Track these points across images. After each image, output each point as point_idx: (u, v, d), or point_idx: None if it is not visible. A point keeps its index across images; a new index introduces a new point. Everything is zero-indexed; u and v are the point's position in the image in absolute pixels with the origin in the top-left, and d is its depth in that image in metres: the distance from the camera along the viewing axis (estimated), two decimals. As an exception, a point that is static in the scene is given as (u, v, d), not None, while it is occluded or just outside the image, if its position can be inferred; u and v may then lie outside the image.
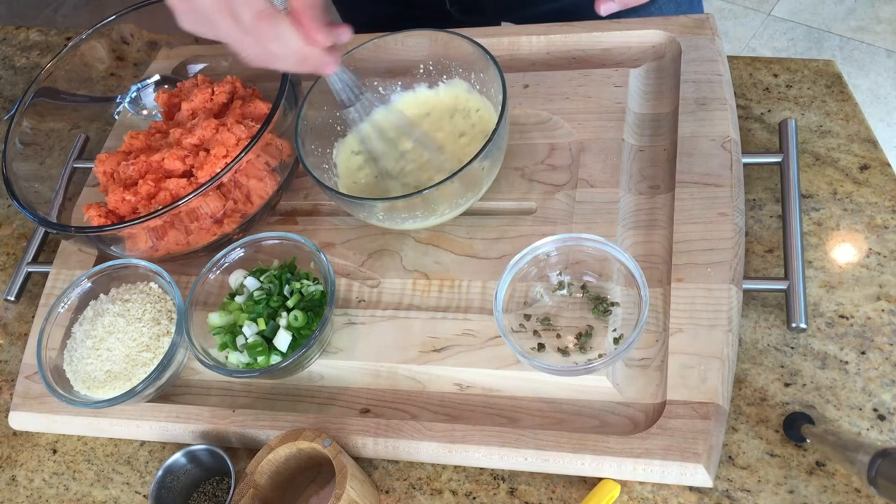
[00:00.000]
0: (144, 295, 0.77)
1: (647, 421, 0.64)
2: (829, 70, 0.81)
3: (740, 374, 0.67)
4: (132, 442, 0.77)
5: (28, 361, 0.82)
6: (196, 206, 0.73)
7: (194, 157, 0.78)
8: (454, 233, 0.76)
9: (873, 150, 0.75)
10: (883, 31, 2.13)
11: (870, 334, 0.66)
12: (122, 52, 0.95)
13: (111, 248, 0.77)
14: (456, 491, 0.67)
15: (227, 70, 0.90)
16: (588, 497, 0.62)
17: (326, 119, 0.79)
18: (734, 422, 0.65)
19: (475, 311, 0.71)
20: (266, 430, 0.71)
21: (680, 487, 0.63)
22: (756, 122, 0.80)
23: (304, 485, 0.70)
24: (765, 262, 0.71)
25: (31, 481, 0.78)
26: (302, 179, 0.84)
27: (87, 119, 0.94)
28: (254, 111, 0.83)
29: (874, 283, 0.69)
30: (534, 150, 0.79)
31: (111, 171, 0.83)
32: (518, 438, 0.65)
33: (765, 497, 0.62)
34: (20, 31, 1.20)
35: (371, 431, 0.68)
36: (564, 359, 0.66)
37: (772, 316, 0.69)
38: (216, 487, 0.72)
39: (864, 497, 0.60)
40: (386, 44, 0.79)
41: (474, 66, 0.77)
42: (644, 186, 0.75)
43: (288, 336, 0.70)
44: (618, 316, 0.67)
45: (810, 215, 0.73)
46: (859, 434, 0.63)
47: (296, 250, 0.75)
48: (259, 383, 0.75)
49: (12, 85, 1.14)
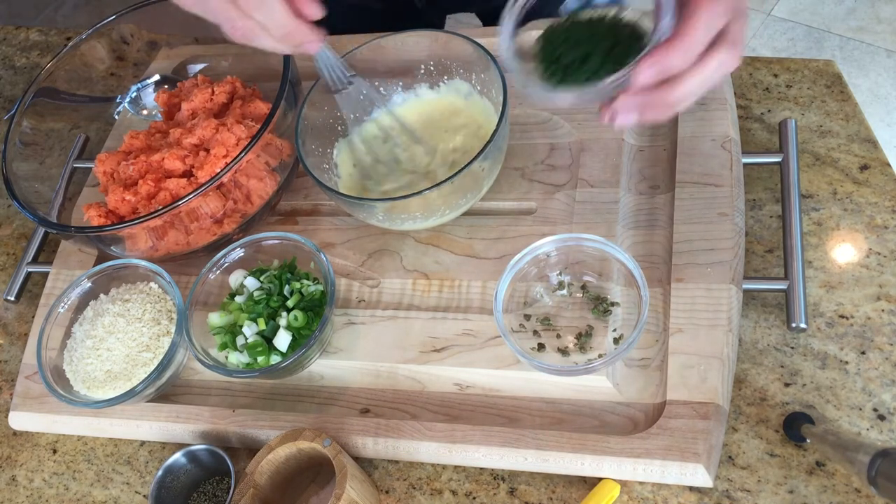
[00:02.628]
0: (144, 295, 0.77)
1: (647, 421, 0.64)
2: (829, 70, 0.81)
3: (740, 374, 0.67)
4: (132, 442, 0.77)
5: (28, 361, 0.82)
6: (196, 206, 0.73)
7: (194, 157, 0.78)
8: (454, 233, 0.76)
9: (873, 150, 0.75)
10: (883, 31, 2.13)
11: (870, 334, 0.66)
12: (122, 52, 0.95)
13: (111, 248, 0.77)
14: (456, 491, 0.67)
15: (227, 70, 0.90)
16: (588, 497, 0.62)
17: (327, 119, 0.79)
18: (734, 422, 0.65)
19: (475, 311, 0.71)
20: (266, 430, 0.71)
21: (680, 487, 0.63)
22: (756, 122, 0.80)
23: (304, 485, 0.70)
24: (765, 262, 0.71)
25: (31, 481, 0.78)
26: (302, 179, 0.84)
27: (87, 119, 0.94)
28: (254, 111, 0.83)
29: (874, 283, 0.69)
30: (534, 150, 0.79)
31: (111, 171, 0.83)
32: (518, 438, 0.65)
33: (765, 497, 0.62)
34: (20, 31, 1.20)
35: (371, 431, 0.68)
36: (564, 359, 0.66)
37: (772, 316, 0.69)
38: (216, 487, 0.72)
39: (864, 497, 0.60)
40: (386, 44, 0.79)
41: (475, 66, 0.77)
42: (644, 186, 0.75)
43: (288, 336, 0.70)
44: (618, 316, 0.67)
45: (810, 215, 0.73)
46: (859, 434, 0.63)
47: (296, 250, 0.75)
48: (259, 383, 0.75)
49: (12, 85, 1.14)
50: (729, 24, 0.53)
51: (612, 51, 0.56)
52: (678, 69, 0.53)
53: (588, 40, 0.57)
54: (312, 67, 0.72)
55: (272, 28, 0.62)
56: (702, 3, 0.52)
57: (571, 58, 0.57)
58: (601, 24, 0.58)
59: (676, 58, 0.52)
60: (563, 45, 0.57)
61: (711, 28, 0.52)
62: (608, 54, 0.56)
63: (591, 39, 0.57)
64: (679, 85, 0.53)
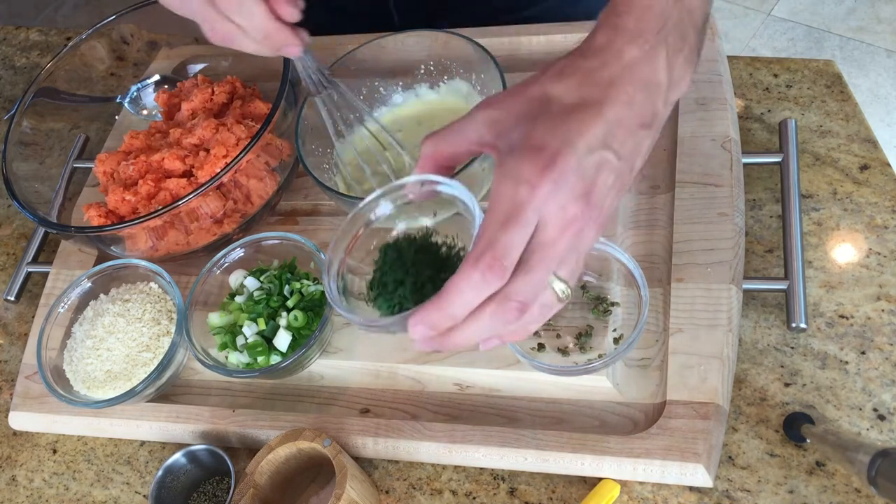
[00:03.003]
0: (144, 295, 0.77)
1: (647, 421, 0.64)
2: (829, 70, 0.81)
3: (740, 374, 0.67)
4: (132, 442, 0.77)
5: (28, 361, 0.81)
6: (196, 206, 0.73)
7: (194, 157, 0.78)
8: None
9: (873, 150, 0.75)
10: (883, 31, 2.13)
11: (870, 334, 0.66)
12: (122, 52, 0.95)
13: (111, 248, 0.77)
14: (456, 491, 0.67)
15: (227, 70, 0.90)
16: (588, 497, 0.62)
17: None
18: (734, 422, 0.65)
19: (475, 311, 0.71)
20: (266, 430, 0.71)
21: (680, 487, 0.63)
22: (756, 122, 0.80)
23: (304, 485, 0.70)
24: (765, 262, 0.71)
25: (31, 481, 0.78)
26: (302, 179, 0.84)
27: (87, 119, 0.94)
28: (254, 111, 0.83)
29: (874, 283, 0.69)
30: (534, 150, 0.78)
31: (111, 171, 0.83)
32: (518, 438, 0.65)
33: (765, 497, 0.62)
34: (20, 31, 1.20)
35: (371, 431, 0.68)
36: (564, 359, 0.66)
37: (772, 316, 0.69)
38: (216, 487, 0.72)
39: (864, 497, 0.60)
40: (386, 44, 0.79)
41: (475, 66, 0.77)
42: (644, 186, 0.75)
43: (288, 336, 0.70)
44: (618, 316, 0.67)
45: (810, 215, 0.73)
46: (859, 434, 0.63)
47: (296, 250, 0.75)
48: (259, 383, 0.75)
49: (12, 85, 1.14)
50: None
51: (432, 278, 0.52)
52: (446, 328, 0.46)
53: (407, 268, 0.53)
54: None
55: (251, 31, 0.62)
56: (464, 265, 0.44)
57: (389, 278, 0.54)
58: (430, 248, 0.55)
59: (440, 318, 0.46)
60: (386, 266, 0.55)
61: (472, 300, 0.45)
62: (428, 281, 0.52)
63: (410, 268, 0.53)
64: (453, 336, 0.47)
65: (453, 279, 0.45)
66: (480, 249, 0.44)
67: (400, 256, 0.55)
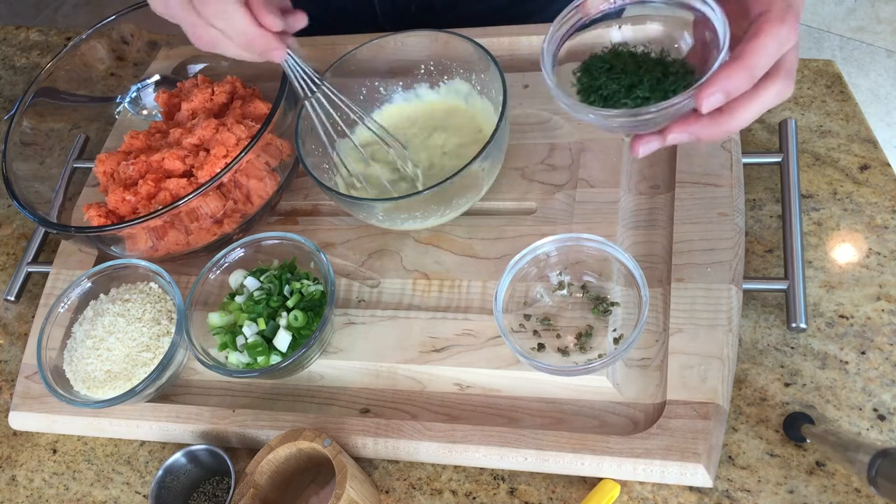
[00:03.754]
0: (144, 295, 0.77)
1: (647, 421, 0.64)
2: (829, 70, 0.81)
3: (740, 374, 0.67)
4: (132, 442, 0.77)
5: (28, 361, 0.82)
6: (196, 206, 0.73)
7: (194, 157, 0.78)
8: (454, 233, 0.76)
9: (873, 150, 0.75)
10: (883, 31, 2.13)
11: (870, 334, 0.66)
12: (122, 52, 0.95)
13: (111, 248, 0.77)
14: (456, 491, 0.67)
15: (227, 70, 0.90)
16: (588, 497, 0.62)
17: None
18: (734, 422, 0.65)
19: (475, 311, 0.71)
20: (266, 430, 0.71)
21: (680, 487, 0.63)
22: (756, 121, 0.80)
23: (304, 485, 0.70)
24: (765, 262, 0.71)
25: (31, 481, 0.78)
26: (302, 179, 0.84)
27: (87, 119, 0.94)
28: (254, 111, 0.83)
29: (874, 283, 0.69)
30: (534, 150, 0.79)
31: (111, 171, 0.83)
32: (518, 438, 0.65)
33: (765, 497, 0.62)
34: (20, 31, 1.20)
35: (371, 431, 0.68)
36: (564, 359, 0.66)
37: (772, 316, 0.69)
38: (216, 487, 0.72)
39: (864, 497, 0.60)
40: (386, 44, 0.79)
41: (475, 66, 0.77)
42: (644, 186, 0.75)
43: (288, 336, 0.70)
44: (618, 316, 0.67)
45: (810, 215, 0.73)
46: (859, 434, 0.63)
47: (296, 250, 0.75)
48: (259, 383, 0.75)
49: (12, 85, 1.14)
50: (787, 51, 0.51)
51: (660, 82, 0.56)
52: (741, 92, 0.51)
53: (634, 71, 0.57)
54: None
55: (234, 36, 0.62)
56: (767, 27, 0.50)
57: (613, 88, 0.57)
58: (647, 57, 0.59)
59: (741, 80, 0.50)
60: (603, 76, 0.58)
61: (777, 53, 0.50)
62: (657, 85, 0.56)
63: (638, 71, 0.57)
64: (737, 112, 0.52)
65: (756, 39, 0.50)
66: (779, 12, 0.50)
67: (615, 66, 0.58)
